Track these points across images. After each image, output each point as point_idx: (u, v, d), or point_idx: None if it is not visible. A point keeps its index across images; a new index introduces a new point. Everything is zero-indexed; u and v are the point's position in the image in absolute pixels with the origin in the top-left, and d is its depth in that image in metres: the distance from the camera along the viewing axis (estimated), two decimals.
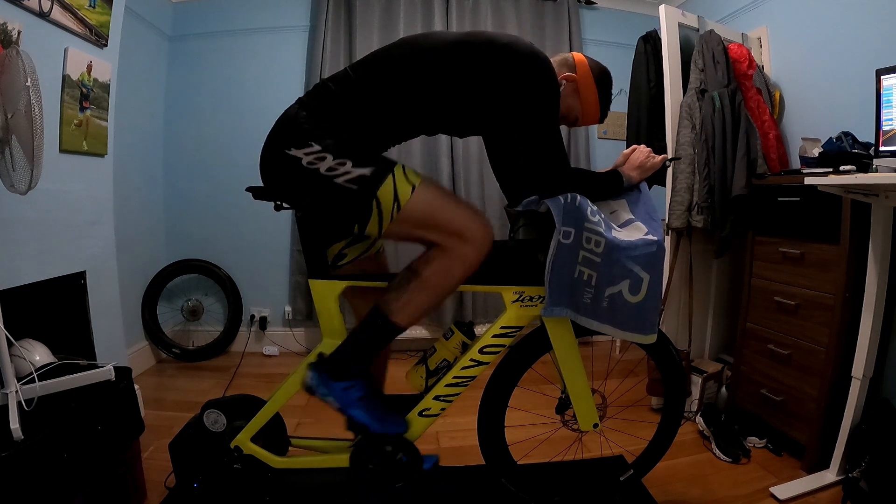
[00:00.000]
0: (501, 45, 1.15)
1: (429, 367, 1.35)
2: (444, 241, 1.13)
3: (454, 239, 1.13)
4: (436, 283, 1.15)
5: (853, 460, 1.52)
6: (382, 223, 1.12)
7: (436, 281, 1.15)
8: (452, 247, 1.13)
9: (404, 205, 1.11)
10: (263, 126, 1.22)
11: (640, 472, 1.49)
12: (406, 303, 1.15)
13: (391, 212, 1.11)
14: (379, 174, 1.10)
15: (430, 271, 1.15)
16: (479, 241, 1.14)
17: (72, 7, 1.62)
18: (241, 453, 1.29)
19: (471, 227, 1.14)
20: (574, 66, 1.27)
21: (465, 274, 1.15)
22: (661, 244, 1.18)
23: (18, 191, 1.19)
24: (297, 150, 1.10)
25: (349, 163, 1.09)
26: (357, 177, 1.09)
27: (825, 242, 1.65)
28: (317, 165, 1.09)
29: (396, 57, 1.18)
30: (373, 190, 1.10)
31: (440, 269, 1.14)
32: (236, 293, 2.94)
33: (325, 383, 1.18)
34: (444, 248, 1.14)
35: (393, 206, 1.11)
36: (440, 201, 1.15)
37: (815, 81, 2.17)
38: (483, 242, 1.15)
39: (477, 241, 1.14)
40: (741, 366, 1.99)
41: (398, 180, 1.11)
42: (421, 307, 1.17)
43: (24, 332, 1.40)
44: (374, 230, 1.14)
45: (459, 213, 1.16)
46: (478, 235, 1.14)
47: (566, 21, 3.08)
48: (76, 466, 1.21)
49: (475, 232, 1.14)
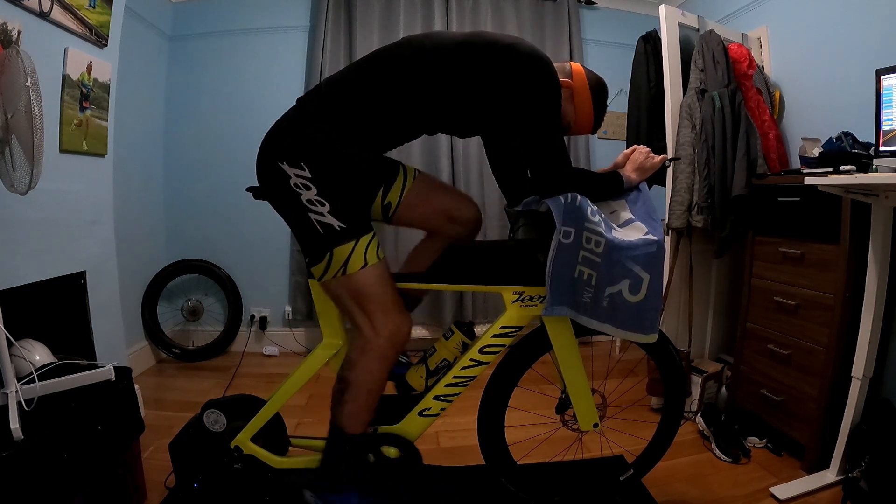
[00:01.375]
0: (504, 46, 1.15)
1: (429, 366, 1.35)
2: (360, 322, 1.19)
3: (368, 327, 1.18)
4: (364, 383, 1.20)
5: (853, 460, 1.52)
6: (326, 274, 1.17)
7: (364, 382, 1.20)
8: (366, 336, 1.19)
9: (348, 273, 1.15)
10: (263, 126, 1.22)
11: (640, 472, 1.49)
12: (350, 413, 1.22)
13: (336, 271, 1.15)
14: (346, 234, 1.14)
15: (355, 376, 1.20)
16: (391, 336, 1.18)
17: (72, 7, 1.62)
18: (241, 453, 1.29)
19: (389, 322, 1.18)
20: (570, 74, 1.27)
21: (385, 367, 1.21)
22: (661, 244, 1.18)
23: (18, 191, 1.19)
24: (288, 168, 1.12)
25: (327, 206, 1.13)
26: (327, 224, 1.13)
27: (825, 242, 1.65)
28: (300, 192, 1.12)
29: (399, 57, 1.18)
30: (332, 244, 1.14)
31: (363, 371, 1.20)
32: (236, 293, 2.94)
33: (325, 499, 1.24)
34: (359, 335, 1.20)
35: (340, 269, 1.15)
36: (378, 289, 1.18)
37: (815, 81, 2.17)
38: (394, 338, 1.19)
39: (389, 337, 1.18)
40: (741, 366, 1.99)
41: (357, 250, 1.15)
42: (363, 408, 1.23)
43: (24, 332, 1.39)
44: (318, 273, 1.18)
45: (388, 306, 1.19)
46: (391, 331, 1.18)
47: (566, 21, 3.08)
48: (76, 466, 1.20)
49: (390, 327, 1.18)
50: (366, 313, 1.18)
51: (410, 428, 1.30)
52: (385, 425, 1.30)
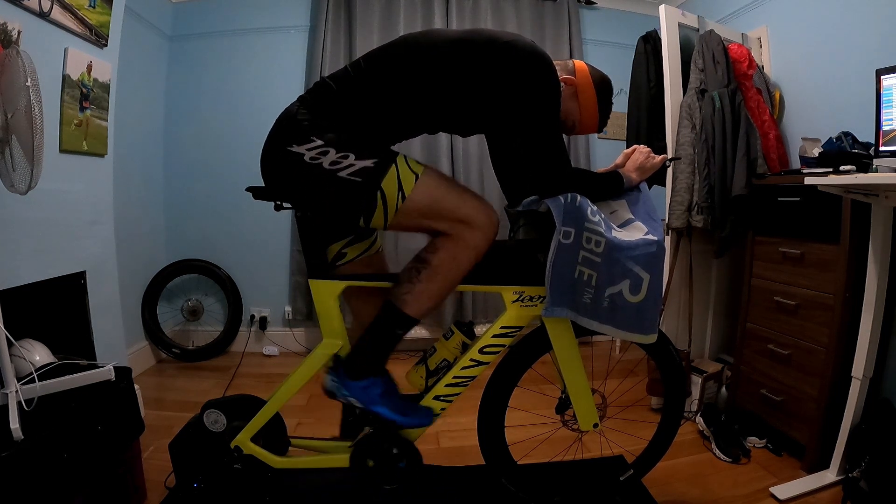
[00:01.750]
0: (503, 43, 1.15)
1: (429, 367, 1.35)
2: (450, 228, 1.14)
3: (460, 226, 1.14)
4: (445, 270, 1.15)
5: (853, 460, 1.52)
6: (388, 214, 1.12)
7: (445, 268, 1.15)
8: (459, 234, 1.14)
9: (409, 194, 1.11)
10: (263, 126, 1.22)
11: (640, 472, 1.49)
12: (418, 293, 1.15)
13: (396, 202, 1.11)
14: (382, 165, 1.10)
15: (439, 259, 1.15)
16: (485, 226, 1.15)
17: (72, 7, 1.62)
18: (241, 453, 1.29)
19: (476, 213, 1.15)
20: (574, 71, 1.27)
21: (473, 260, 1.16)
22: (661, 244, 1.18)
23: (18, 191, 1.19)
24: (298, 147, 1.10)
25: (352, 155, 1.09)
26: (360, 169, 1.09)
27: (825, 242, 1.65)
28: (320, 160, 1.09)
29: (397, 55, 1.18)
30: (377, 181, 1.10)
31: (448, 257, 1.15)
32: (236, 293, 2.94)
33: (345, 384, 1.19)
34: (451, 235, 1.15)
35: (398, 197, 1.11)
36: (443, 189, 1.15)
37: (815, 81, 2.17)
38: (488, 228, 1.15)
39: (483, 227, 1.15)
40: (741, 366, 1.99)
41: (401, 170, 1.11)
42: (433, 296, 1.17)
43: (24, 332, 1.40)
44: (380, 222, 1.14)
45: (464, 200, 1.16)
46: (483, 221, 1.15)
47: (566, 21, 3.08)
48: (76, 466, 1.20)
49: (481, 218, 1.15)
50: (450, 219, 1.13)
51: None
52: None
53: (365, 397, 1.19)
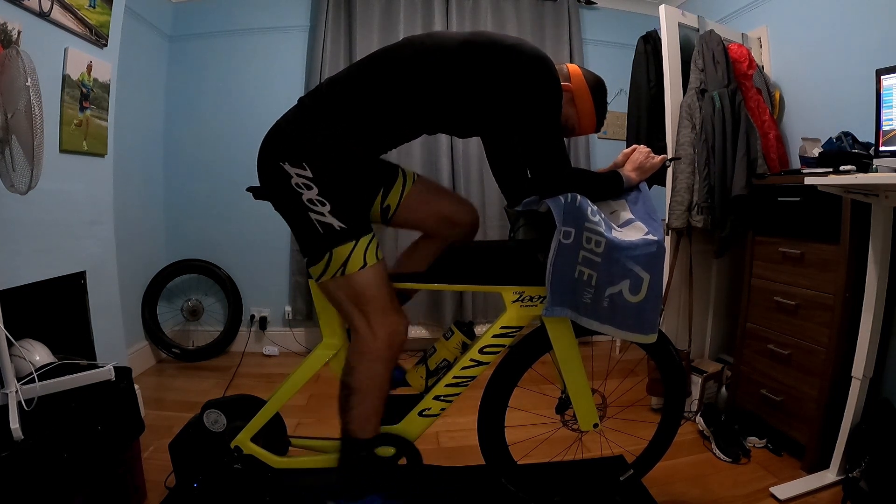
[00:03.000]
0: (505, 46, 1.15)
1: (429, 367, 1.35)
2: (357, 324, 1.19)
3: (366, 329, 1.18)
4: (366, 386, 1.20)
5: (853, 460, 1.52)
6: (324, 274, 1.17)
7: (366, 385, 1.20)
8: (363, 336, 1.18)
9: (347, 273, 1.15)
10: (263, 126, 1.22)
11: (640, 472, 1.49)
12: (357, 417, 1.21)
13: (335, 271, 1.15)
14: (346, 235, 1.14)
15: (357, 380, 1.20)
16: (388, 337, 1.18)
17: (72, 7, 1.62)
18: (241, 453, 1.29)
19: (386, 322, 1.18)
20: (569, 77, 1.27)
21: (385, 369, 1.21)
22: (661, 244, 1.18)
23: (18, 191, 1.19)
24: (290, 167, 1.12)
25: (329, 206, 1.12)
26: (327, 223, 1.13)
27: (825, 242, 1.65)
28: (301, 192, 1.12)
29: (400, 57, 1.18)
30: (332, 244, 1.14)
31: (363, 374, 1.19)
32: (236, 293, 2.94)
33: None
34: (356, 337, 1.19)
35: (339, 269, 1.15)
36: (375, 291, 1.17)
37: (815, 81, 2.17)
38: (392, 339, 1.18)
39: (386, 338, 1.18)
40: (741, 366, 1.99)
41: (357, 251, 1.14)
42: (370, 412, 1.22)
43: (24, 332, 1.40)
44: (316, 273, 1.18)
45: (385, 307, 1.19)
46: (388, 332, 1.18)
47: (566, 21, 3.08)
48: (76, 466, 1.20)
49: (387, 328, 1.18)
50: (363, 314, 1.18)
51: (410, 428, 1.30)
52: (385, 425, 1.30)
53: None
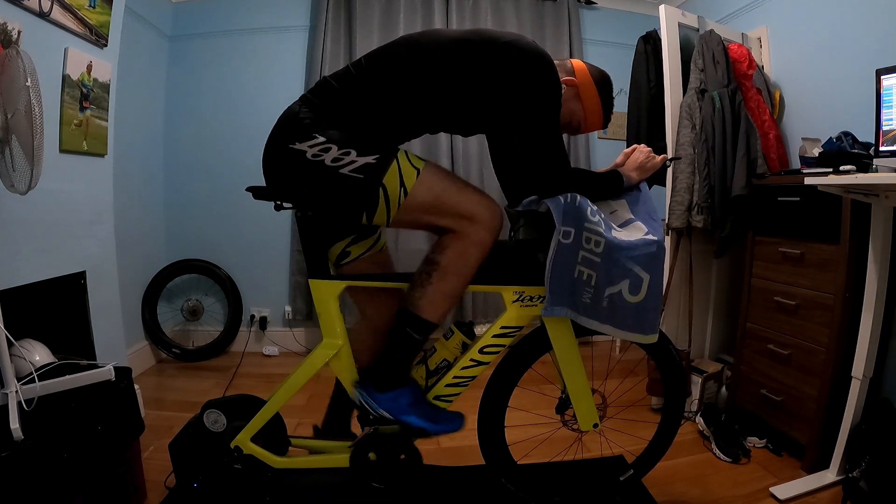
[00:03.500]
0: (504, 42, 1.15)
1: (429, 367, 1.35)
2: (453, 224, 1.13)
3: (464, 222, 1.13)
4: (455, 269, 1.14)
5: (853, 460, 1.52)
6: (391, 211, 1.12)
7: (455, 267, 1.14)
8: (463, 230, 1.13)
9: (410, 190, 1.11)
10: (263, 126, 1.22)
11: (640, 472, 1.49)
12: (432, 296, 1.15)
13: (398, 198, 1.11)
14: (384, 161, 1.10)
15: (447, 259, 1.14)
16: (489, 221, 1.14)
17: (72, 7, 1.62)
18: (241, 453, 1.29)
19: (479, 208, 1.14)
20: (573, 72, 1.26)
21: (481, 256, 1.16)
22: (661, 244, 1.18)
23: (18, 191, 1.19)
24: (301, 144, 1.10)
25: (354, 152, 1.09)
26: (362, 165, 1.09)
27: (825, 242, 1.65)
28: (322, 157, 1.09)
29: (398, 55, 1.18)
30: (379, 177, 1.10)
31: (456, 255, 1.14)
32: (236, 293, 2.94)
33: (374, 397, 1.19)
34: (456, 232, 1.14)
35: (400, 192, 1.11)
36: (445, 185, 1.14)
37: (815, 81, 2.17)
38: (492, 222, 1.15)
39: (486, 222, 1.14)
40: (741, 366, 1.99)
41: (403, 166, 1.11)
42: (446, 297, 1.16)
43: (24, 332, 1.39)
44: (383, 219, 1.14)
45: (466, 195, 1.15)
46: (487, 216, 1.14)
47: (566, 21, 3.08)
48: (76, 466, 1.20)
49: (484, 213, 1.14)
50: (453, 214, 1.13)
51: None
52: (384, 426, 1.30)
53: (395, 408, 1.19)
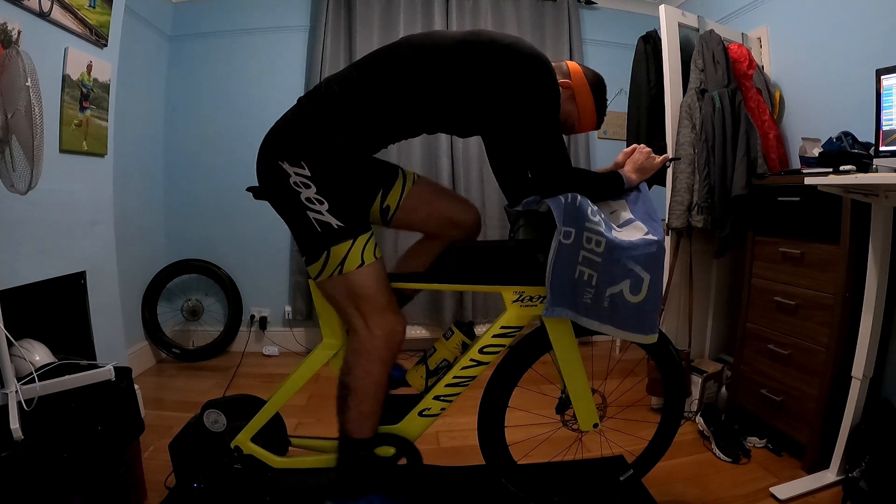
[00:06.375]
0: (503, 45, 1.15)
1: (429, 366, 1.35)
2: (355, 323, 1.19)
3: (364, 329, 1.18)
4: (364, 386, 1.20)
5: (853, 460, 1.52)
6: (322, 273, 1.17)
7: (363, 385, 1.20)
8: (358, 332, 1.19)
9: (344, 272, 1.15)
10: (263, 126, 1.22)
11: (640, 472, 1.49)
12: (355, 418, 1.21)
13: (333, 270, 1.15)
14: (344, 233, 1.14)
15: (354, 379, 1.20)
16: (386, 336, 1.19)
17: (72, 7, 1.62)
18: (241, 453, 1.29)
19: (383, 322, 1.18)
20: (568, 74, 1.28)
21: (383, 369, 1.21)
22: (661, 244, 1.18)
23: (18, 191, 1.19)
24: (288, 166, 1.13)
25: (326, 205, 1.13)
26: (325, 222, 1.13)
27: (825, 242, 1.65)
28: (300, 191, 1.13)
29: (398, 56, 1.18)
30: (330, 242, 1.14)
31: (361, 374, 1.20)
32: (236, 293, 2.94)
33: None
34: (354, 337, 1.20)
35: (336, 267, 1.15)
36: (373, 290, 1.18)
37: (815, 81, 2.17)
38: (389, 339, 1.19)
39: (384, 337, 1.18)
40: (741, 366, 1.99)
41: (354, 249, 1.15)
42: (367, 413, 1.22)
43: (24, 332, 1.39)
44: (314, 272, 1.19)
45: (383, 306, 1.19)
46: (385, 331, 1.18)
47: (566, 21, 3.08)
48: (76, 466, 1.20)
49: (384, 328, 1.18)
50: (360, 314, 1.18)
51: (410, 428, 1.30)
52: (385, 425, 1.30)
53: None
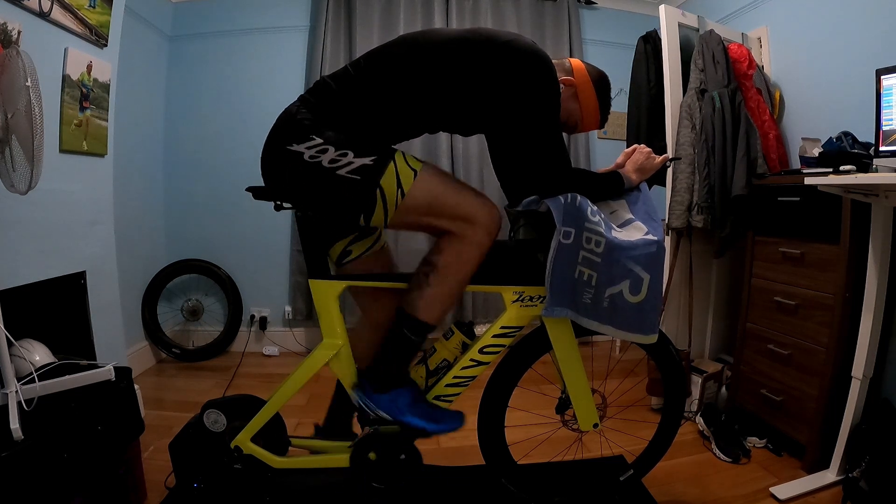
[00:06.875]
0: (502, 42, 1.15)
1: (429, 367, 1.35)
2: (451, 226, 1.13)
3: (461, 223, 1.13)
4: (453, 271, 1.15)
5: (853, 460, 1.52)
6: (388, 212, 1.12)
7: (453, 269, 1.15)
8: (461, 231, 1.13)
9: (408, 191, 1.11)
10: (263, 126, 1.22)
11: (640, 472, 1.49)
12: (429, 297, 1.15)
13: (395, 200, 1.11)
14: (381, 162, 1.10)
15: (445, 261, 1.14)
16: (487, 223, 1.14)
17: (72, 7, 1.62)
18: (241, 453, 1.29)
19: (477, 210, 1.14)
20: (571, 71, 1.27)
21: (479, 257, 1.16)
22: (661, 244, 1.18)
23: (18, 191, 1.19)
24: (298, 145, 1.10)
25: (351, 153, 1.09)
26: (359, 167, 1.09)
27: (825, 242, 1.65)
28: (319, 158, 1.09)
29: (397, 55, 1.18)
30: (376, 178, 1.10)
31: (454, 257, 1.14)
32: (236, 293, 2.94)
33: (372, 398, 1.19)
34: (453, 233, 1.14)
35: (397, 194, 1.11)
36: (443, 186, 1.15)
37: (815, 81, 2.17)
38: (490, 224, 1.15)
39: (484, 224, 1.14)
40: (741, 366, 1.99)
41: (400, 167, 1.11)
42: (444, 299, 1.17)
43: (24, 332, 1.39)
44: (380, 220, 1.14)
45: (463, 197, 1.15)
46: (485, 217, 1.14)
47: (566, 21, 3.08)
48: (76, 466, 1.21)
49: (482, 214, 1.14)
50: (451, 216, 1.13)
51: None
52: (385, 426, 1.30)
53: (394, 409, 1.19)
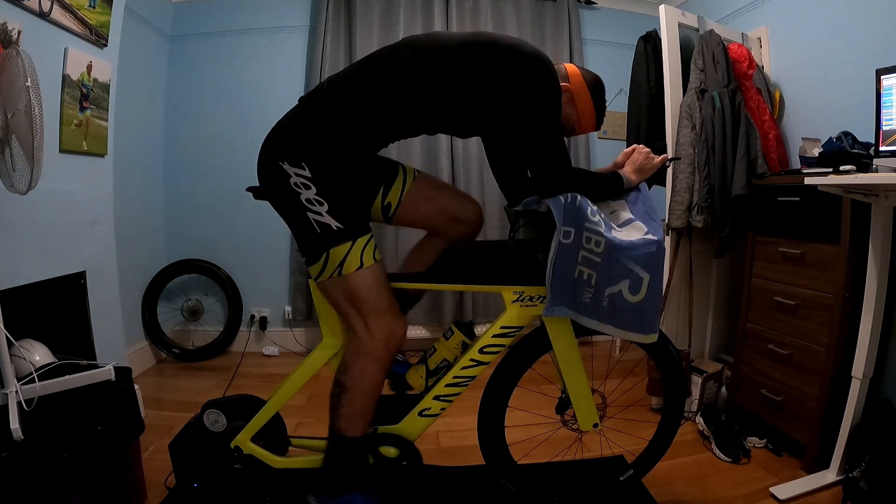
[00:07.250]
0: (505, 46, 1.16)
1: (429, 366, 1.35)
2: (355, 324, 1.19)
3: (363, 327, 1.18)
4: (358, 386, 1.20)
5: (853, 460, 1.52)
6: (322, 274, 1.18)
7: (358, 385, 1.20)
8: (360, 334, 1.19)
9: (343, 274, 1.15)
10: (263, 126, 1.22)
11: (640, 472, 1.49)
12: (347, 416, 1.21)
13: (332, 271, 1.16)
14: (343, 235, 1.14)
15: (351, 379, 1.20)
16: (384, 336, 1.18)
17: (72, 7, 1.62)
18: (241, 453, 1.29)
19: (383, 324, 1.18)
20: (567, 77, 1.28)
21: (380, 370, 1.21)
22: (661, 244, 1.18)
23: (18, 191, 1.19)
24: (289, 167, 1.13)
25: (326, 206, 1.13)
26: (325, 223, 1.14)
27: (825, 242, 1.65)
28: (300, 192, 1.13)
29: (400, 57, 1.18)
30: (330, 244, 1.14)
31: (358, 373, 1.20)
32: (236, 293, 2.94)
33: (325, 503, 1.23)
34: (353, 337, 1.21)
35: (336, 269, 1.15)
36: (374, 291, 1.18)
37: (815, 81, 2.17)
38: (389, 341, 1.19)
39: (382, 337, 1.18)
40: (741, 366, 1.99)
41: (354, 251, 1.15)
42: (360, 413, 1.22)
43: (24, 332, 1.39)
44: (314, 273, 1.20)
45: (382, 309, 1.19)
46: (384, 332, 1.18)
47: (566, 21, 3.07)
48: (76, 466, 1.21)
49: (383, 327, 1.18)
50: (360, 315, 1.18)
51: (410, 428, 1.30)
52: (385, 425, 1.30)
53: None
